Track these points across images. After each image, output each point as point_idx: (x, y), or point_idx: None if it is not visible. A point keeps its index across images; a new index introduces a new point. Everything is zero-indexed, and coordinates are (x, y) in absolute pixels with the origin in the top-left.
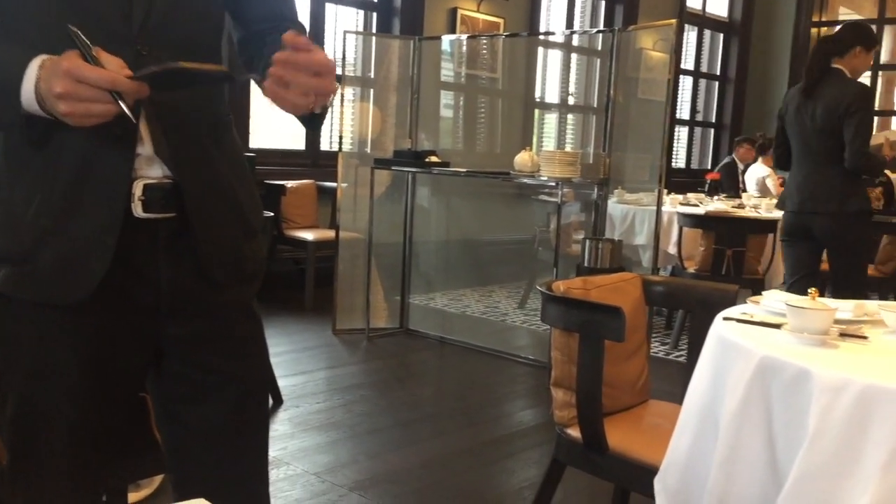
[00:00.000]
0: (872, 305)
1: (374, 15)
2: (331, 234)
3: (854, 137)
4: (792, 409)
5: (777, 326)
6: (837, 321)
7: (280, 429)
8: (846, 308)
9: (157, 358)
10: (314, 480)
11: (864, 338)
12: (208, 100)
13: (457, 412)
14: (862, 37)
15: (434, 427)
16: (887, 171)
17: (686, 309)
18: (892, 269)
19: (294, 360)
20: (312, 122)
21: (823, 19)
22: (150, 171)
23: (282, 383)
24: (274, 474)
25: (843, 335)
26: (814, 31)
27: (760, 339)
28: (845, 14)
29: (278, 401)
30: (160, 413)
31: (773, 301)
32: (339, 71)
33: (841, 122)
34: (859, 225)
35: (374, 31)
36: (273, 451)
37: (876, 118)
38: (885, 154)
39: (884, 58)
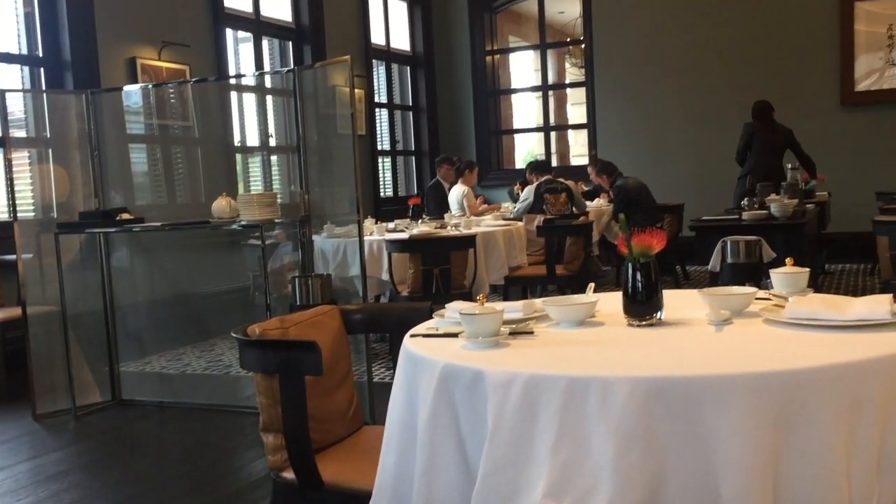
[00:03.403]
0: (538, 303)
1: (42, 70)
2: (18, 311)
3: (801, 151)
4: (474, 410)
5: (456, 335)
6: (507, 321)
7: None
8: (515, 308)
9: None
10: None
11: (531, 333)
12: None
13: (182, 477)
14: (771, 107)
15: (157, 498)
16: (566, 181)
17: (386, 332)
18: (577, 267)
19: None
20: None
21: (496, 48)
22: None
23: None
24: None
25: (512, 333)
26: (488, 58)
27: (442, 349)
28: (514, 41)
29: None
30: None
31: (454, 312)
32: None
33: (788, 144)
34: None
35: (43, 87)
36: None
37: (552, 132)
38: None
39: (551, 78)
